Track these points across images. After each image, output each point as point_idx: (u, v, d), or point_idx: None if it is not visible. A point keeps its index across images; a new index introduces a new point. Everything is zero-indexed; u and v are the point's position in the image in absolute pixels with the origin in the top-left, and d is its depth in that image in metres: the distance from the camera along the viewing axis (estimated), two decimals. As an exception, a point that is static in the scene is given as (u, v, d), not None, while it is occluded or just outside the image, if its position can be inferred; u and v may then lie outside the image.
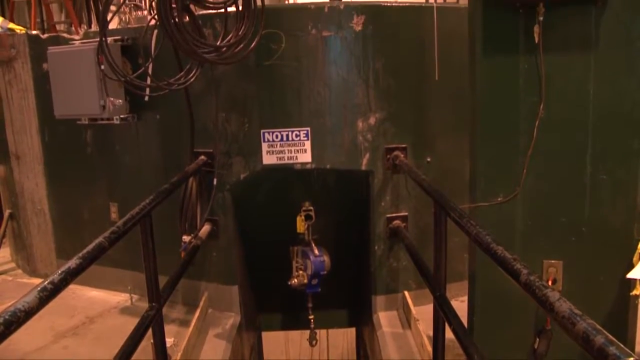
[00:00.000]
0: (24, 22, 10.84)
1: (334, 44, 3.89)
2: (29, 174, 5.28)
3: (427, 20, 3.89)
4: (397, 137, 4.08)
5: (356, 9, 3.87)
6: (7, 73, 5.19)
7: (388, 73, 3.98)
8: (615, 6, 2.71)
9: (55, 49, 4.43)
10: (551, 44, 2.80)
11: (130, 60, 4.28)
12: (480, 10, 2.89)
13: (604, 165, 2.86)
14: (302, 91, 3.95)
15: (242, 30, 3.37)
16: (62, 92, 4.37)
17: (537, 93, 2.86)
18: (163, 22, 3.07)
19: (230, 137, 4.09)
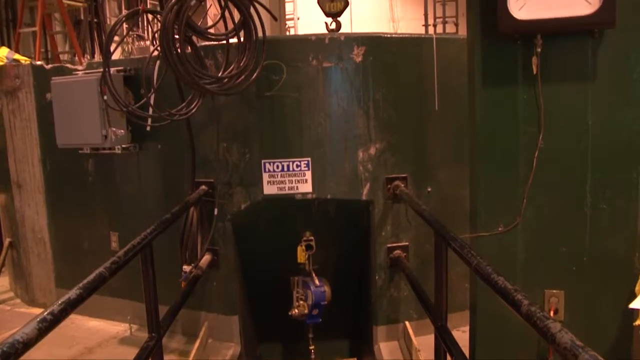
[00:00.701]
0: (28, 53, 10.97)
1: (335, 75, 3.93)
2: (30, 202, 5.28)
3: (426, 51, 3.95)
4: (397, 167, 4.10)
5: (356, 41, 3.92)
6: (11, 102, 5.23)
7: (388, 103, 4.02)
8: (611, 39, 2.75)
9: (58, 79, 4.49)
10: (549, 75, 2.83)
11: (133, 90, 4.32)
12: (479, 41, 2.93)
13: (603, 195, 2.86)
14: (303, 122, 3.98)
15: (244, 61, 3.41)
16: (65, 121, 4.42)
17: (536, 123, 2.87)
18: (165, 53, 3.11)
19: (231, 167, 4.10)
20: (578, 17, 2.68)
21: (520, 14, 2.73)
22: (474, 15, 2.94)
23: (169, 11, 3.04)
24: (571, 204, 2.90)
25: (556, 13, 2.70)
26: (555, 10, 2.71)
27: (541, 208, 2.93)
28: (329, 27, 4.42)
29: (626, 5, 2.68)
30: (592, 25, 2.72)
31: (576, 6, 2.68)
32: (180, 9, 3.07)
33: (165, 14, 3.06)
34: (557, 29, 2.74)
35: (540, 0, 2.73)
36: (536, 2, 2.73)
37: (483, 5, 2.88)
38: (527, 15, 2.73)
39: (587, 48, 2.80)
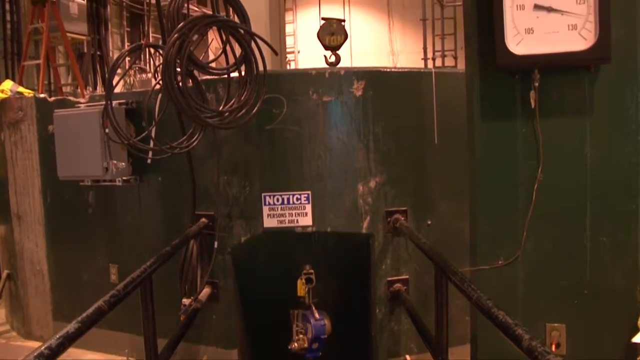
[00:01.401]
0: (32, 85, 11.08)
1: (335, 109, 3.97)
2: (30, 234, 5.27)
3: (426, 85, 3.99)
4: (397, 200, 4.11)
5: (356, 75, 3.96)
6: (14, 134, 5.26)
7: (388, 137, 4.05)
8: (607, 74, 2.79)
9: (61, 111, 4.53)
10: (547, 109, 2.86)
11: (134, 122, 4.35)
12: (478, 76, 2.97)
13: (603, 227, 2.87)
14: (303, 155, 4.00)
15: (245, 95, 3.45)
16: (66, 153, 4.44)
17: (535, 157, 2.89)
18: (167, 87, 3.15)
19: (231, 200, 4.11)
20: (574, 52, 2.72)
21: (518, 49, 2.78)
22: (473, 50, 2.99)
23: (171, 46, 3.09)
24: (571, 237, 2.90)
25: (553, 48, 2.75)
26: (551, 46, 2.75)
27: (541, 241, 2.93)
28: (328, 61, 4.47)
29: (621, 41, 2.73)
30: (588, 61, 2.76)
31: (572, 42, 2.73)
32: (183, 44, 3.11)
33: (168, 49, 3.11)
34: (554, 63, 2.78)
35: (537, 36, 2.78)
36: (533, 38, 2.78)
37: (481, 40, 2.93)
38: (525, 50, 2.77)
39: (584, 83, 2.83)
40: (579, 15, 2.72)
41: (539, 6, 2.77)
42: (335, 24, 4.41)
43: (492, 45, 2.81)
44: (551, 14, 2.76)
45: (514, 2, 2.79)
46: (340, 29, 4.41)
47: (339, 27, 4.41)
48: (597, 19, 2.68)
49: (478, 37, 2.95)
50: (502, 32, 2.77)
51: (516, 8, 2.79)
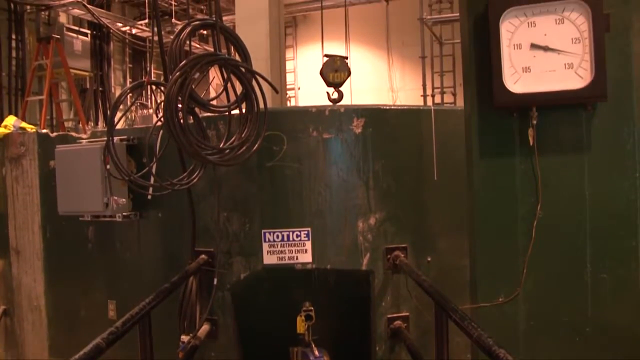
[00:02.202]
0: (34, 120, 11.19)
1: (335, 146, 4.00)
2: (28, 269, 5.25)
3: (425, 122, 4.03)
4: (397, 237, 4.10)
5: (356, 112, 4.00)
6: (15, 169, 5.28)
7: (388, 174, 4.06)
8: (603, 112, 2.82)
9: (63, 147, 4.56)
10: (545, 146, 2.88)
11: (135, 159, 4.38)
12: (476, 114, 3.00)
13: (603, 264, 2.86)
14: (303, 192, 4.01)
15: (245, 132, 3.47)
16: (67, 189, 4.46)
17: (534, 194, 2.91)
18: (169, 124, 3.17)
19: (231, 237, 4.11)
20: (571, 90, 2.76)
21: (516, 87, 2.82)
22: (471, 89, 3.03)
23: (173, 84, 3.12)
24: (572, 274, 2.89)
25: (550, 87, 2.79)
26: (549, 84, 2.79)
27: (542, 278, 2.92)
28: (331, 97, 4.51)
29: (616, 79, 2.77)
30: (585, 99, 2.79)
31: (569, 80, 2.77)
32: (184, 82, 3.15)
33: (170, 87, 3.14)
34: (551, 101, 2.82)
35: (535, 75, 2.82)
36: (530, 76, 2.82)
37: (479, 79, 2.97)
38: (522, 88, 2.82)
39: (581, 120, 2.86)
40: (575, 54, 2.77)
41: (535, 45, 2.82)
42: (339, 60, 4.46)
43: (490, 84, 2.85)
44: (548, 53, 2.81)
45: (511, 41, 2.84)
46: (344, 66, 4.46)
47: (342, 64, 4.46)
48: (593, 58, 2.73)
49: (476, 75, 3.00)
50: (500, 71, 2.82)
51: (513, 47, 2.84)
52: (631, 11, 2.80)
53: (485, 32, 2.87)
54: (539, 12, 2.81)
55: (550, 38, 2.80)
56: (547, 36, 2.80)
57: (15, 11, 11.62)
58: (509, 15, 2.83)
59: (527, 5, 2.81)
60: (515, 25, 2.83)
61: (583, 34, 2.76)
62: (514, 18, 2.83)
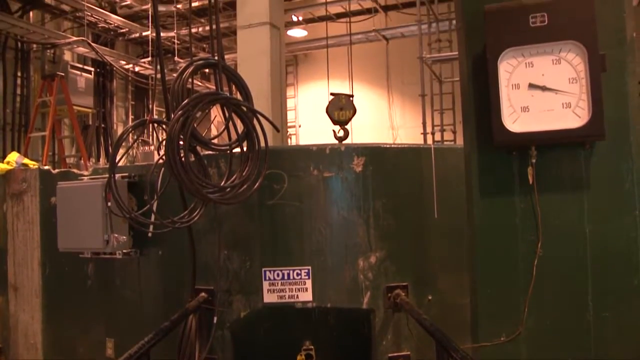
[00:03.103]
0: (37, 156, 11.26)
1: (335, 185, 4.01)
2: (26, 306, 5.21)
3: (425, 160, 4.05)
4: (398, 276, 4.09)
5: (356, 151, 4.03)
6: (16, 205, 5.29)
7: (388, 212, 4.07)
8: (602, 150, 2.84)
9: (64, 184, 4.57)
10: (545, 185, 2.89)
11: (136, 196, 4.39)
12: (476, 153, 3.02)
13: (605, 302, 2.84)
14: (303, 230, 4.01)
15: (246, 171, 3.49)
16: (68, 225, 4.46)
17: (534, 232, 2.90)
18: (170, 163, 3.19)
19: (231, 275, 4.09)
20: (569, 129, 2.77)
21: (515, 127, 2.83)
22: (470, 128, 3.05)
23: (175, 122, 3.16)
24: (573, 312, 2.87)
25: (548, 126, 2.80)
26: (547, 123, 2.81)
27: (543, 317, 2.89)
28: (337, 135, 4.53)
29: (613, 118, 2.79)
30: (583, 138, 2.81)
31: (567, 119, 2.79)
32: (186, 121, 3.18)
33: (172, 125, 3.17)
34: (550, 141, 2.83)
35: (533, 114, 2.84)
36: (529, 116, 2.84)
37: (478, 118, 3.00)
38: (521, 128, 2.83)
39: (580, 159, 2.87)
40: (573, 94, 2.80)
41: (533, 85, 2.85)
42: (344, 99, 4.51)
43: (489, 123, 2.87)
44: (545, 93, 2.83)
45: (509, 81, 2.87)
46: (349, 104, 4.50)
47: (348, 102, 4.50)
48: (590, 98, 2.75)
49: (475, 114, 3.03)
50: (499, 110, 2.84)
51: (512, 87, 2.87)
52: (626, 52, 2.84)
53: (484, 72, 2.90)
54: (536, 53, 2.84)
55: (548, 78, 2.83)
56: (545, 76, 2.83)
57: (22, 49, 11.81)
58: (507, 56, 2.86)
59: (524, 46, 2.85)
60: (513, 65, 2.86)
61: (580, 74, 2.79)
62: (511, 59, 2.86)
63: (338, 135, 4.50)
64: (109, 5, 13.90)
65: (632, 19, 2.87)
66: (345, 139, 4.51)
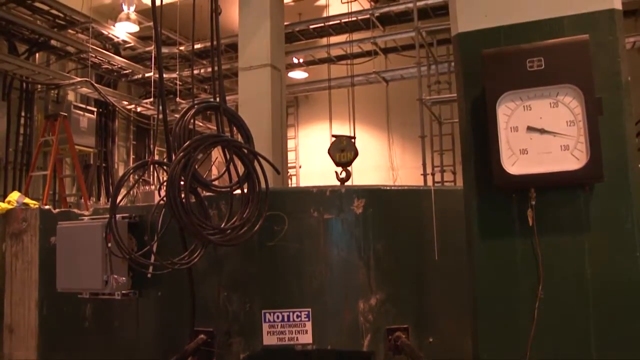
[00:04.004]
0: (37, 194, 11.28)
1: (335, 226, 4.01)
2: (21, 347, 5.14)
3: (425, 202, 4.05)
4: (398, 318, 4.05)
5: (357, 193, 4.04)
6: (15, 245, 5.28)
7: (388, 254, 4.06)
8: (601, 192, 2.84)
9: (64, 224, 4.58)
10: (545, 227, 2.89)
11: (136, 236, 4.38)
12: (475, 195, 3.03)
13: (609, 344, 2.80)
14: (303, 272, 4.00)
15: (247, 213, 3.50)
16: (67, 265, 4.44)
17: (535, 274, 2.89)
18: (171, 204, 3.21)
19: (231, 317, 4.06)
20: (568, 172, 2.79)
21: (514, 169, 2.85)
22: (470, 170, 3.07)
23: (177, 164, 3.18)
24: (577, 355, 2.83)
25: (547, 168, 2.82)
26: (546, 166, 2.83)
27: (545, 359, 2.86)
28: (339, 176, 4.56)
29: (612, 160, 2.81)
30: (582, 180, 2.82)
31: (565, 162, 2.81)
32: (188, 163, 3.21)
33: (173, 167, 3.20)
34: (549, 182, 2.84)
35: (532, 156, 2.86)
36: (528, 158, 2.86)
37: (478, 160, 3.02)
38: (520, 170, 2.85)
39: (579, 200, 2.88)
40: (571, 136, 2.82)
41: (531, 128, 2.87)
42: (345, 140, 4.56)
43: (488, 165, 2.89)
44: (544, 136, 2.86)
45: (508, 124, 2.90)
46: (350, 146, 4.55)
47: (349, 144, 4.55)
48: (588, 140, 2.77)
49: (475, 157, 3.05)
50: (498, 152, 2.86)
51: (510, 130, 2.89)
52: (622, 96, 2.88)
53: (483, 115, 2.94)
54: (534, 96, 2.88)
55: (546, 121, 2.86)
56: (543, 119, 2.86)
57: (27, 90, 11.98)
58: (505, 99, 2.90)
59: (522, 90, 2.88)
60: (512, 108, 2.90)
61: (577, 117, 2.81)
62: (510, 102, 2.90)
63: (340, 176, 4.52)
64: (113, 47, 14.13)
65: (627, 63, 2.92)
66: (347, 180, 4.54)
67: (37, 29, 11.52)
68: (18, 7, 11.26)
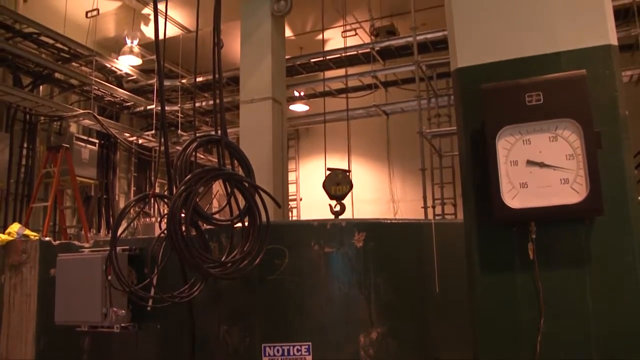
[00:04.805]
0: (37, 225, 11.27)
1: (336, 260, 4.01)
2: (17, 383, 5.09)
3: (426, 235, 4.05)
4: (399, 352, 4.01)
5: (357, 226, 4.04)
6: (14, 277, 5.26)
7: (389, 288, 4.04)
8: (601, 225, 2.84)
9: (64, 256, 4.57)
10: (546, 260, 2.88)
11: (136, 269, 4.37)
12: (476, 228, 3.03)
13: (611, 382, 2.78)
14: (304, 306, 3.98)
15: (247, 246, 3.50)
16: (66, 298, 4.42)
17: (536, 308, 2.87)
18: (172, 237, 3.21)
19: (231, 350, 4.02)
20: (568, 205, 2.79)
21: (514, 202, 2.86)
22: (470, 204, 3.08)
23: (178, 197, 3.19)
24: (578, 391, 2.81)
25: (547, 202, 2.83)
26: (546, 199, 2.83)
27: (549, 396, 2.83)
28: (334, 210, 4.56)
29: (611, 193, 2.81)
30: (582, 214, 2.82)
31: (565, 195, 2.81)
32: (189, 196, 3.22)
33: (174, 200, 3.21)
34: (549, 216, 2.84)
35: (532, 190, 2.87)
36: (528, 192, 2.87)
37: (478, 194, 3.03)
38: (520, 204, 2.85)
39: (580, 234, 2.88)
40: (570, 170, 2.83)
41: (531, 162, 2.89)
42: (341, 174, 4.57)
43: (488, 199, 2.90)
44: (543, 169, 2.87)
45: (507, 158, 2.91)
46: (345, 179, 4.56)
47: (344, 177, 4.57)
48: (587, 174, 2.78)
49: (475, 190, 3.06)
50: (498, 186, 2.87)
51: (510, 164, 2.91)
52: (620, 129, 2.90)
53: (483, 148, 2.96)
54: (533, 130, 2.90)
55: (546, 155, 2.87)
56: (542, 153, 2.88)
57: (30, 121, 12.07)
58: (504, 133, 2.92)
59: (521, 124, 2.91)
60: (511, 142, 2.92)
61: (576, 151, 2.83)
62: (509, 136, 2.92)
63: (335, 210, 4.53)
64: (116, 79, 14.27)
65: (624, 97, 2.95)
66: (342, 213, 4.54)
67: (42, 62, 11.66)
68: (25, 41, 11.43)
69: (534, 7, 3.05)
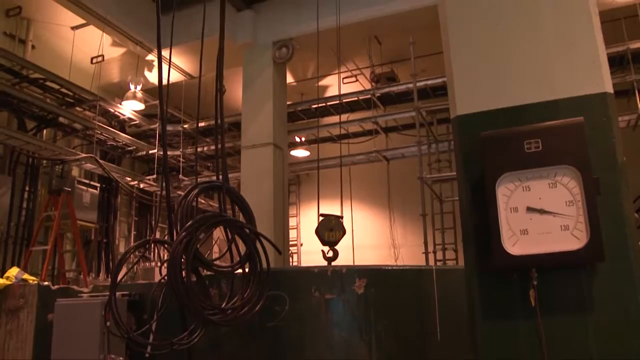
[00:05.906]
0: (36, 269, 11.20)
1: (337, 307, 3.98)
2: None
3: (427, 281, 4.03)
4: (401, 400, 3.96)
5: (358, 273, 4.03)
6: (10, 322, 5.20)
7: (390, 334, 4.00)
8: (603, 272, 2.83)
9: (63, 301, 4.54)
10: (548, 307, 2.85)
11: (135, 315, 4.34)
12: (476, 275, 3.01)
13: None
14: (304, 352, 3.93)
15: (248, 292, 3.48)
16: (63, 344, 4.38)
17: (538, 355, 2.84)
18: (172, 284, 3.19)
19: (229, 398, 3.96)
20: (568, 251, 2.79)
21: (514, 249, 2.85)
22: (470, 251, 3.07)
23: (179, 243, 3.19)
24: None
25: (548, 248, 2.82)
26: (546, 246, 2.83)
27: None
28: (326, 256, 4.55)
29: (612, 240, 2.81)
30: (583, 260, 2.81)
31: (565, 241, 2.81)
32: (189, 242, 3.22)
33: (175, 247, 3.20)
34: (550, 263, 2.83)
35: (532, 237, 2.87)
36: (528, 238, 2.87)
37: (478, 241, 3.03)
38: (521, 250, 2.85)
39: (581, 280, 2.86)
40: (570, 216, 2.83)
41: (531, 208, 2.89)
42: (334, 220, 4.58)
43: (489, 245, 2.90)
44: (543, 216, 2.87)
45: (507, 205, 2.92)
46: (339, 225, 4.57)
47: (337, 223, 4.57)
48: (587, 220, 2.79)
49: (475, 237, 3.05)
50: (498, 233, 2.87)
51: (510, 210, 2.91)
52: (618, 175, 2.92)
53: (483, 195, 2.97)
54: (533, 177, 2.91)
55: (545, 201, 2.88)
56: (542, 199, 2.88)
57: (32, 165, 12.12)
58: (504, 181, 2.94)
59: (521, 171, 2.93)
60: (511, 189, 2.93)
61: (576, 197, 2.84)
62: (509, 183, 2.93)
63: (327, 256, 4.52)
64: (119, 124, 14.39)
65: (621, 143, 2.98)
66: (335, 259, 4.53)
67: (46, 106, 11.79)
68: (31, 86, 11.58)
69: (531, 56, 3.11)
